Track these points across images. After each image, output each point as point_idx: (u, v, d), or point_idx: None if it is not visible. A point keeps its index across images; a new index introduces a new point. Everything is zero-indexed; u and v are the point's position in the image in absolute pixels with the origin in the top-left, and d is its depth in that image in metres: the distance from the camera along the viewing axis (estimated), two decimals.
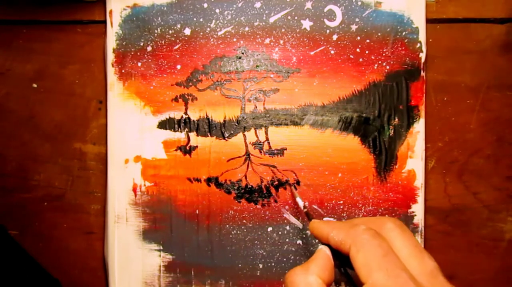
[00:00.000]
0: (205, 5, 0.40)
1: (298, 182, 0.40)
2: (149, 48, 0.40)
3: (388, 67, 0.40)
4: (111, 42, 0.40)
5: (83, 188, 0.42)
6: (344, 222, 0.29)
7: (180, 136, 0.40)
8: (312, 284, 0.25)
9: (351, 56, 0.40)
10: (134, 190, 0.40)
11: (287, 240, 0.40)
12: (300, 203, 0.37)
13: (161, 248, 0.40)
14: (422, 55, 0.40)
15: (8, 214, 0.42)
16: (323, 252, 0.27)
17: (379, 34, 0.40)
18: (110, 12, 0.40)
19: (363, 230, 0.25)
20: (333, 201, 0.40)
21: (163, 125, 0.40)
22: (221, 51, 0.40)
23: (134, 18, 0.40)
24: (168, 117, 0.40)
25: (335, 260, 0.27)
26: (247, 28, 0.40)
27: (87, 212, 0.42)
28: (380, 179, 0.40)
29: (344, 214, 0.40)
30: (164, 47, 0.40)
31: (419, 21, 0.40)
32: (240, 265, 0.40)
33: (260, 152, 0.40)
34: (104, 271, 0.41)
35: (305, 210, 0.35)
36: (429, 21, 0.40)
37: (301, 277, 0.25)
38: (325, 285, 0.25)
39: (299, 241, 0.40)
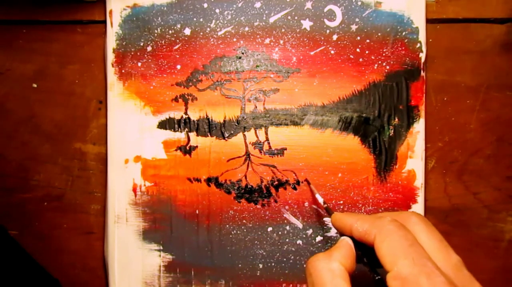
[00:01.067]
0: (205, 5, 0.40)
1: (298, 182, 0.40)
2: (149, 48, 0.40)
3: (388, 67, 0.40)
4: (111, 42, 0.40)
5: (83, 188, 0.42)
6: (368, 215, 0.29)
7: (180, 136, 0.40)
8: (335, 270, 0.25)
9: (351, 56, 0.40)
10: (134, 190, 0.40)
11: (287, 240, 0.40)
12: (320, 199, 0.37)
13: (161, 248, 0.40)
14: (422, 55, 0.40)
15: (8, 214, 0.42)
16: (345, 242, 0.27)
17: (379, 34, 0.40)
18: (110, 12, 0.40)
19: (389, 221, 0.25)
20: (333, 201, 0.40)
21: (163, 125, 0.40)
22: (221, 51, 0.40)
23: (134, 18, 0.40)
24: (168, 117, 0.40)
25: (357, 251, 0.27)
26: (247, 28, 0.40)
27: (87, 212, 0.42)
28: (380, 179, 0.40)
29: None
30: (164, 47, 0.40)
31: (419, 21, 0.40)
32: (240, 265, 0.40)
33: (260, 152, 0.40)
34: (104, 271, 0.41)
35: (325, 205, 0.36)
36: (429, 21, 0.40)
37: (323, 263, 0.26)
38: (347, 272, 0.25)
39: (299, 241, 0.40)
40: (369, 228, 0.26)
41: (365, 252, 0.27)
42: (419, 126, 0.40)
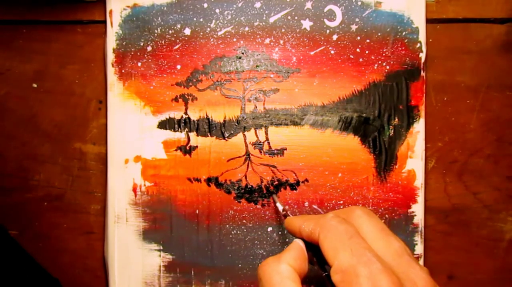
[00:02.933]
0: (205, 5, 0.40)
1: (298, 182, 0.40)
2: (149, 48, 0.40)
3: (388, 67, 0.40)
4: (111, 42, 0.40)
5: (83, 188, 0.42)
6: (314, 215, 0.30)
7: (180, 136, 0.40)
8: (283, 272, 0.25)
9: (351, 56, 0.40)
10: (134, 190, 0.40)
11: (287, 240, 0.40)
12: (280, 207, 0.37)
13: (161, 248, 0.40)
14: (422, 55, 0.40)
15: (8, 214, 0.42)
16: (296, 243, 0.28)
17: (379, 34, 0.40)
18: (110, 12, 0.40)
19: (330, 218, 0.26)
20: (333, 201, 0.40)
21: (163, 125, 0.40)
22: (221, 51, 0.40)
23: (134, 18, 0.40)
24: (168, 117, 0.40)
25: (310, 255, 0.27)
26: (247, 28, 0.40)
27: (87, 212, 0.42)
28: (380, 179, 0.40)
29: None
30: (164, 47, 0.40)
31: (419, 21, 0.40)
32: (240, 265, 0.40)
33: (260, 152, 0.40)
34: (104, 271, 0.41)
35: (284, 212, 0.36)
36: (429, 21, 0.40)
37: (272, 266, 0.26)
38: (296, 273, 0.26)
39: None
40: (314, 227, 0.26)
41: (316, 252, 0.27)
42: (419, 126, 0.40)
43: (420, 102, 0.40)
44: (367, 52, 0.40)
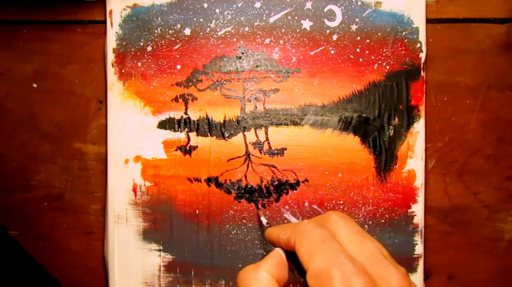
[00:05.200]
0: (205, 5, 0.40)
1: (298, 182, 0.40)
2: (149, 48, 0.40)
3: (388, 67, 0.40)
4: (111, 42, 0.40)
5: (83, 188, 0.42)
6: (292, 223, 0.30)
7: (180, 136, 0.40)
8: (261, 279, 0.26)
9: (351, 56, 0.40)
10: (134, 190, 0.40)
11: None
12: (264, 221, 0.38)
13: (161, 248, 0.40)
14: (422, 55, 0.40)
15: (8, 214, 0.42)
16: (276, 252, 0.28)
17: (379, 34, 0.40)
18: (110, 12, 0.40)
19: (306, 223, 0.27)
20: (333, 201, 0.40)
21: (163, 125, 0.40)
22: (221, 51, 0.40)
23: (134, 18, 0.40)
24: (168, 117, 0.40)
25: (290, 263, 0.27)
26: (247, 28, 0.40)
27: (87, 212, 0.42)
28: (380, 179, 0.40)
29: None
30: (164, 47, 0.40)
31: (419, 21, 0.40)
32: (240, 265, 0.40)
33: (260, 152, 0.40)
34: (104, 271, 0.41)
35: (267, 226, 0.36)
36: (429, 21, 0.40)
37: (250, 274, 0.26)
38: (275, 280, 0.26)
39: None
40: (290, 234, 0.27)
41: (295, 260, 0.27)
42: (419, 126, 0.40)
43: (420, 102, 0.40)
44: (367, 52, 0.40)
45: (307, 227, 0.26)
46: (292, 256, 0.27)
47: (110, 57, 0.40)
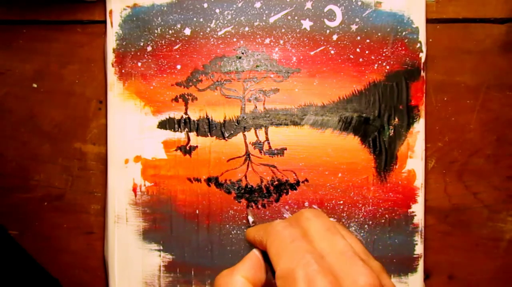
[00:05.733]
0: (205, 5, 0.40)
1: (298, 182, 0.40)
2: (149, 48, 0.40)
3: (388, 67, 0.40)
4: (111, 42, 0.40)
5: (83, 188, 0.42)
6: (266, 223, 0.30)
7: (180, 136, 0.40)
8: (236, 283, 0.26)
9: (351, 56, 0.40)
10: (134, 190, 0.40)
11: None
12: (250, 219, 0.38)
13: (161, 248, 0.40)
14: (422, 55, 0.40)
15: (8, 214, 0.42)
16: (253, 253, 0.28)
17: (379, 34, 0.40)
18: (110, 12, 0.40)
19: (276, 224, 0.27)
20: (333, 201, 0.40)
21: (163, 125, 0.40)
22: (221, 51, 0.40)
23: (134, 18, 0.40)
24: (168, 117, 0.40)
25: (267, 265, 0.27)
26: (247, 28, 0.40)
27: (87, 212, 0.42)
28: (380, 179, 0.40)
29: (344, 214, 0.40)
30: (164, 47, 0.40)
31: (419, 21, 0.40)
32: None
33: (260, 152, 0.40)
34: (104, 271, 0.41)
35: (253, 225, 0.37)
36: (429, 21, 0.40)
37: (226, 278, 0.26)
38: (250, 284, 0.26)
39: None
40: (263, 235, 0.27)
41: (269, 261, 0.27)
42: (419, 126, 0.40)
43: (420, 102, 0.40)
44: (367, 52, 0.40)
45: (277, 228, 0.26)
46: (268, 257, 0.27)
47: (110, 57, 0.40)
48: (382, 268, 0.25)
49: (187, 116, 0.40)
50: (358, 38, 0.40)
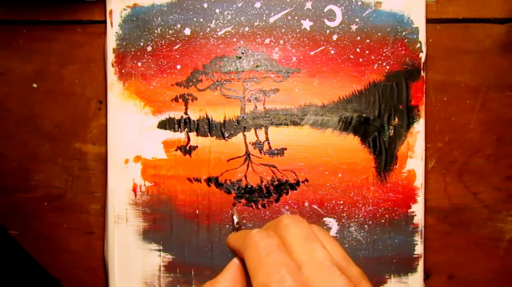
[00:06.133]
0: (205, 5, 0.40)
1: (298, 182, 0.40)
2: (149, 48, 0.40)
3: (388, 67, 0.40)
4: (111, 42, 0.40)
5: (83, 188, 0.42)
6: (245, 231, 0.29)
7: (180, 136, 0.40)
8: None
9: (351, 56, 0.40)
10: (134, 190, 0.40)
11: None
12: (235, 220, 0.38)
13: (161, 248, 0.40)
14: (422, 55, 0.40)
15: (8, 214, 0.42)
16: (233, 262, 0.28)
17: (379, 34, 0.40)
18: (110, 12, 0.40)
19: (253, 234, 0.26)
20: (333, 201, 0.40)
21: (163, 125, 0.40)
22: (221, 51, 0.40)
23: (134, 18, 0.40)
24: (168, 117, 0.40)
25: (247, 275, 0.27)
26: (247, 28, 0.40)
27: (87, 212, 0.42)
28: (380, 179, 0.40)
29: (344, 214, 0.40)
30: (164, 47, 0.40)
31: (419, 21, 0.40)
32: None
33: (260, 152, 0.40)
34: (104, 271, 0.41)
35: (237, 226, 0.36)
36: (429, 21, 0.40)
37: None
38: None
39: None
40: (242, 244, 0.26)
41: None
42: (419, 126, 0.40)
43: (420, 102, 0.40)
44: (367, 52, 0.40)
45: (253, 238, 0.25)
46: None
47: (110, 57, 0.40)
48: (362, 274, 0.24)
49: (187, 116, 0.40)
50: (358, 38, 0.40)
